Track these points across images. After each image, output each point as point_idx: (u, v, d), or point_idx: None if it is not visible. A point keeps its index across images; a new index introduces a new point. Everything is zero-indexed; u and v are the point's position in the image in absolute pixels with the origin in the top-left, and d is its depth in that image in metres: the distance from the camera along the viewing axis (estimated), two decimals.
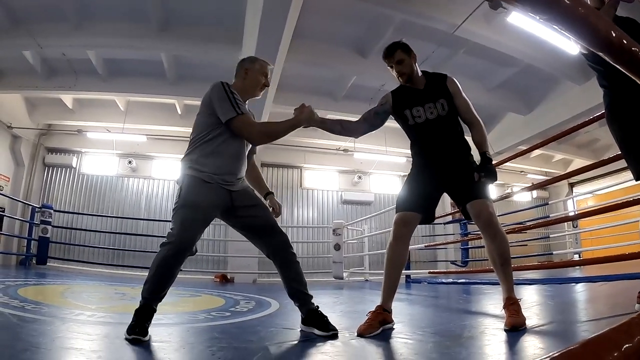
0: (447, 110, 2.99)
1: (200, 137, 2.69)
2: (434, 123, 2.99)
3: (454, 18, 7.07)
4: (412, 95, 3.07)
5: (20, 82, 9.82)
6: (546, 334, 2.50)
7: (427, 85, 3.06)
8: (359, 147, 12.81)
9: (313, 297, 2.78)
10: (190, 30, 8.05)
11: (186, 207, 2.56)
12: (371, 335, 2.51)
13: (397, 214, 2.97)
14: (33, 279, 6.48)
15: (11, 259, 10.97)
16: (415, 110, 3.02)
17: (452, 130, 3.03)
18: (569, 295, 4.63)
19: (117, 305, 4.28)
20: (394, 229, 2.95)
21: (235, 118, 2.59)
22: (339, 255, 9.71)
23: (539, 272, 7.67)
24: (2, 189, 10.74)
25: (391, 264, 2.91)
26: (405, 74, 3.03)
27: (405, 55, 3.01)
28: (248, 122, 2.66)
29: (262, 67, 2.90)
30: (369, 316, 2.70)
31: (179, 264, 2.55)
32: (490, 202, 2.88)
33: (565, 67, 8.67)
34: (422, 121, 3.01)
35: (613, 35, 0.94)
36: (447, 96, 3.00)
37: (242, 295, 5.42)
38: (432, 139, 3.04)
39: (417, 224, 2.99)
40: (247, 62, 2.92)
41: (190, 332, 2.75)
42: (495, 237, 2.79)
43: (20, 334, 2.28)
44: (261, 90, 2.92)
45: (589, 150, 14.27)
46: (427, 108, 2.99)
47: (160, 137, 12.45)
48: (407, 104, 3.06)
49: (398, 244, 2.93)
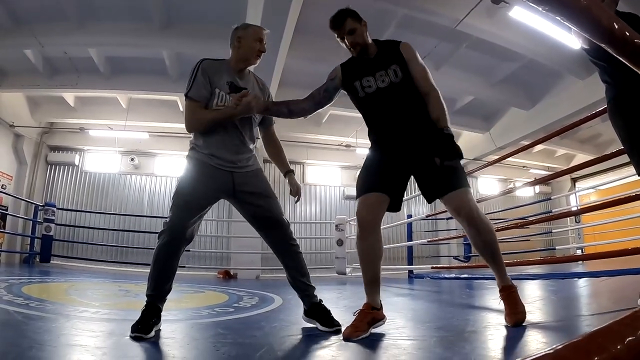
0: (401, 77, 2.65)
1: None
2: (386, 91, 2.67)
3: (456, 13, 7.05)
4: (362, 65, 2.77)
5: (22, 81, 9.84)
6: (549, 329, 2.50)
7: (379, 52, 2.77)
8: (361, 142, 12.78)
9: (316, 289, 2.77)
10: (192, 28, 8.06)
11: (180, 192, 2.58)
12: (359, 338, 2.30)
13: (358, 199, 2.68)
14: (37, 277, 6.50)
15: (15, 257, 11.03)
16: (365, 80, 2.72)
17: (408, 99, 2.66)
18: (571, 290, 4.63)
19: (121, 302, 4.30)
20: (357, 219, 2.67)
21: (185, 97, 2.66)
22: (342, 251, 9.72)
23: (541, 267, 7.67)
24: (5, 188, 10.77)
25: (363, 258, 2.64)
26: (358, 45, 2.74)
27: (356, 24, 2.72)
28: (186, 107, 2.70)
29: (256, 32, 2.79)
30: (356, 317, 2.48)
31: (176, 253, 2.55)
32: (468, 191, 2.56)
33: (568, 61, 8.64)
34: (373, 91, 2.71)
35: (616, 27, 0.94)
36: (400, 62, 2.68)
37: (245, 291, 5.44)
38: (386, 110, 2.70)
39: (384, 208, 2.65)
40: (240, 30, 2.82)
41: (194, 328, 2.76)
42: (480, 231, 2.56)
43: (25, 332, 2.29)
44: (257, 57, 2.79)
45: (591, 145, 14.23)
46: (379, 76, 2.69)
47: (163, 134, 12.49)
48: (357, 75, 2.76)
49: (365, 234, 2.62)
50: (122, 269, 10.58)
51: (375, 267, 2.64)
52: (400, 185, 2.71)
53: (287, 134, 12.09)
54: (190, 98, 2.62)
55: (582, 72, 8.97)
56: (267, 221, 2.74)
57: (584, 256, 7.77)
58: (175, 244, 2.52)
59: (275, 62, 7.34)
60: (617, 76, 2.53)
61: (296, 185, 2.96)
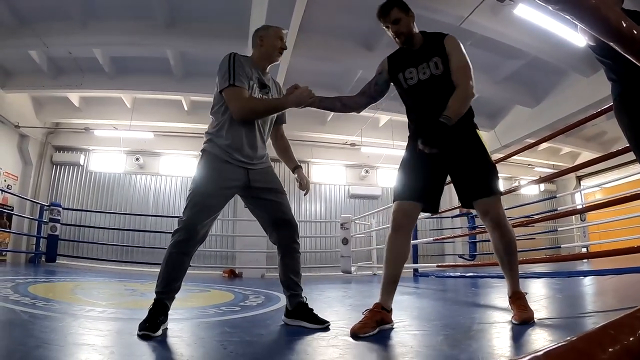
0: (442, 70, 2.67)
1: (214, 109, 2.71)
2: (427, 83, 2.70)
3: (460, 10, 7.03)
4: (406, 57, 2.80)
5: (27, 81, 9.89)
6: (555, 327, 2.50)
7: (424, 44, 2.78)
8: (366, 141, 12.78)
9: (303, 290, 2.78)
10: (196, 27, 8.07)
11: (197, 191, 2.56)
12: (366, 335, 2.29)
13: (395, 202, 2.71)
14: (43, 277, 6.52)
15: (21, 256, 11.08)
16: (408, 72, 2.76)
17: (448, 92, 2.62)
18: (577, 289, 4.62)
19: (127, 301, 4.31)
20: (393, 219, 2.68)
21: (226, 89, 2.57)
22: (347, 250, 9.72)
23: (547, 266, 7.65)
24: (11, 188, 10.80)
25: (391, 257, 2.64)
26: (403, 34, 2.74)
27: (402, 14, 2.72)
28: (234, 95, 2.58)
29: (276, 32, 2.86)
30: (366, 315, 2.46)
31: (189, 252, 2.54)
32: (499, 199, 2.66)
33: (573, 59, 8.61)
34: (415, 83, 2.74)
35: (624, 26, 0.94)
36: (442, 54, 2.69)
37: (251, 290, 5.44)
38: (425, 102, 2.73)
39: (418, 215, 2.73)
40: (261, 30, 2.89)
41: (201, 327, 2.77)
42: (504, 236, 2.65)
43: (32, 331, 2.29)
44: (279, 54, 2.88)
45: (596, 143, 14.18)
46: (421, 68, 2.72)
47: (167, 134, 12.53)
48: (400, 67, 2.80)
49: (398, 235, 2.65)
50: (128, 268, 10.62)
51: (399, 268, 2.66)
52: (437, 190, 2.78)
53: (292, 132, 12.07)
54: (237, 86, 2.56)
55: (587, 69, 8.93)
56: (279, 218, 2.76)
57: (589, 254, 7.76)
58: (190, 243, 2.51)
59: (280, 61, 7.34)
60: (623, 74, 2.52)
61: (305, 179, 2.99)
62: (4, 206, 10.69)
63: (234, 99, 2.58)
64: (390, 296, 2.62)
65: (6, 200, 10.84)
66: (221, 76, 2.60)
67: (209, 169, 2.60)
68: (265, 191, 2.72)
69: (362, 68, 9.24)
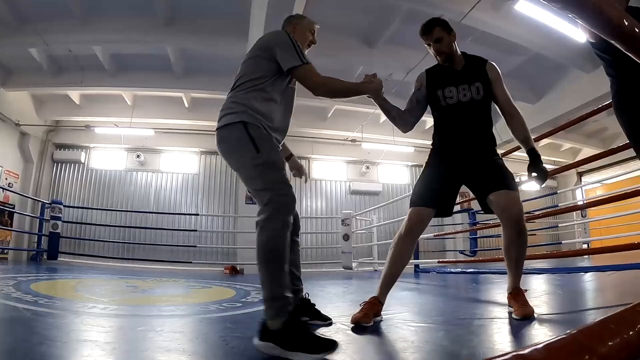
0: (482, 96, 2.80)
1: (255, 80, 2.38)
2: (466, 106, 2.81)
3: (461, 6, 7.04)
4: (447, 75, 2.88)
5: (27, 79, 9.92)
6: (556, 322, 2.52)
7: (465, 66, 2.87)
8: (366, 137, 12.78)
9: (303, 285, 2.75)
10: (196, 24, 8.08)
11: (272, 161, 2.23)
12: (367, 325, 2.43)
13: (412, 208, 2.80)
14: (45, 274, 6.53)
15: (22, 254, 11.10)
16: (448, 90, 2.83)
17: (483, 118, 2.85)
18: (578, 285, 4.63)
19: (129, 297, 4.31)
20: (408, 223, 2.77)
21: (301, 66, 2.35)
22: (348, 246, 9.75)
23: (547, 261, 7.66)
24: (12, 186, 10.83)
25: (397, 256, 2.76)
26: (444, 53, 2.84)
27: (444, 33, 2.81)
28: (313, 71, 2.40)
29: (310, 24, 2.78)
30: (365, 306, 2.59)
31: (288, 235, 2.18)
32: (519, 196, 2.73)
33: (574, 55, 8.61)
34: (454, 103, 2.82)
35: (625, 24, 0.94)
36: (484, 81, 2.82)
37: (252, 286, 5.45)
38: (460, 124, 2.84)
39: (430, 220, 2.84)
40: (295, 18, 2.81)
41: (203, 323, 2.77)
42: (521, 235, 2.70)
43: (35, 328, 2.30)
44: (308, 47, 2.76)
45: (597, 139, 14.17)
46: (461, 89, 2.81)
47: (168, 131, 12.54)
48: (441, 84, 2.87)
49: (407, 239, 2.77)
50: (129, 264, 10.64)
51: (401, 267, 2.80)
52: (452, 198, 2.89)
53: (292, 129, 11.85)
54: (310, 63, 2.41)
55: (587, 65, 8.93)
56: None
57: (590, 250, 7.76)
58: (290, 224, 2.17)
59: None
60: (622, 70, 2.52)
61: (300, 165, 2.98)
62: (6, 204, 10.70)
63: (314, 74, 2.39)
64: (387, 292, 2.76)
65: (7, 199, 10.86)
66: (289, 52, 2.37)
67: (270, 142, 2.31)
68: None
69: (362, 64, 9.25)
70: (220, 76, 9.12)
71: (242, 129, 2.24)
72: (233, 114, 2.30)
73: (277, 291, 2.03)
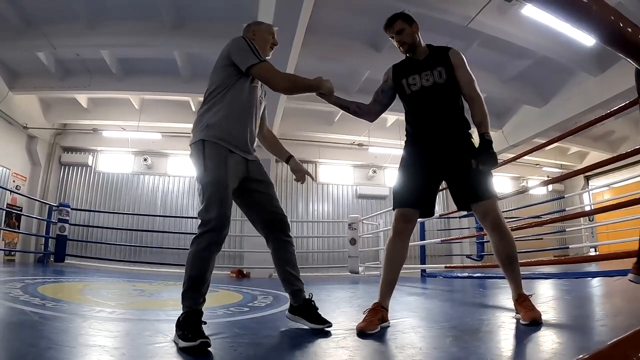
0: (445, 79, 2.81)
1: (214, 92, 2.60)
2: (430, 91, 2.84)
3: (467, 10, 7.03)
4: (410, 65, 2.95)
5: (35, 83, 9.96)
6: (564, 328, 2.50)
7: (429, 55, 2.93)
8: (373, 141, 12.78)
9: (304, 284, 2.74)
10: (204, 27, 8.10)
11: (216, 179, 2.40)
12: (373, 332, 2.43)
13: (397, 210, 2.84)
14: (52, 277, 6.56)
15: (29, 257, 11.17)
16: (412, 78, 2.89)
17: (449, 101, 2.85)
18: (585, 290, 4.59)
19: (136, 301, 4.33)
20: (395, 224, 2.82)
21: (257, 64, 2.50)
22: (355, 250, 9.74)
23: (555, 266, 7.61)
24: (20, 189, 10.89)
25: (391, 259, 2.79)
26: (405, 44, 2.93)
27: (405, 25, 2.93)
28: (271, 68, 2.57)
29: (268, 27, 2.90)
30: (368, 314, 2.59)
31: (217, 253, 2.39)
32: (496, 201, 2.75)
33: (580, 58, 8.58)
34: (417, 89, 2.87)
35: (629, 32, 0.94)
36: (446, 65, 2.84)
37: (259, 290, 5.45)
38: (427, 109, 2.88)
39: (417, 219, 2.87)
40: (253, 25, 2.91)
41: (210, 328, 2.75)
42: (502, 238, 2.73)
43: (42, 332, 2.31)
44: (270, 49, 2.89)
45: (604, 143, 14.11)
46: (424, 76, 2.85)
47: (175, 135, 12.57)
48: (404, 73, 2.94)
49: (397, 240, 2.80)
50: (136, 268, 10.66)
51: (397, 269, 2.81)
52: (432, 195, 2.91)
53: (299, 133, 12.13)
54: (266, 61, 2.57)
55: (594, 69, 8.90)
56: (270, 212, 2.70)
57: (597, 257, 7.69)
58: (222, 243, 2.39)
59: (288, 60, 7.35)
60: None
61: (299, 165, 2.99)
62: (13, 207, 10.77)
63: (272, 71, 2.56)
64: (388, 296, 2.77)
65: (15, 201, 10.92)
66: (244, 54, 2.53)
67: (219, 158, 2.45)
68: (259, 182, 2.67)
69: (369, 68, 9.25)
70: None
71: (199, 148, 2.48)
72: (195, 132, 2.56)
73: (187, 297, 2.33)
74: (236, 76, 2.58)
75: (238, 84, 2.58)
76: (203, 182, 2.42)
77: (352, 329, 2.50)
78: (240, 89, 2.59)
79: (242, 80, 2.59)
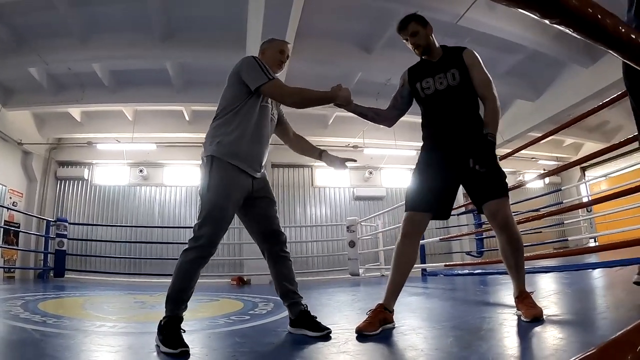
0: (459, 81, 2.79)
1: (225, 109, 2.67)
2: (443, 94, 2.83)
3: (457, 8, 7.06)
4: (425, 68, 2.94)
5: (28, 99, 9.95)
6: (565, 324, 2.49)
7: (442, 57, 2.92)
8: (368, 142, 12.79)
9: (303, 298, 2.77)
10: (194, 37, 8.11)
11: (216, 202, 2.49)
12: (371, 334, 2.43)
13: (407, 213, 2.83)
14: (52, 292, 6.54)
15: (29, 273, 11.12)
16: (425, 82, 2.89)
17: (464, 103, 2.82)
18: (586, 282, 4.60)
19: (137, 314, 4.32)
20: (403, 226, 2.81)
21: (266, 83, 2.56)
22: (354, 252, 9.74)
23: (554, 259, 7.61)
24: (16, 205, 10.86)
25: (399, 261, 2.78)
26: (420, 46, 2.90)
27: (419, 27, 2.88)
28: (281, 85, 2.66)
29: (279, 45, 2.94)
30: (370, 314, 2.60)
31: (205, 264, 2.54)
32: (506, 201, 2.72)
33: (572, 51, 8.62)
34: (431, 92, 2.87)
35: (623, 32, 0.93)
36: (460, 67, 2.81)
37: (260, 297, 5.45)
38: (442, 113, 2.87)
39: (428, 223, 2.84)
40: (265, 43, 2.98)
41: (211, 338, 2.77)
42: (511, 242, 2.73)
43: (45, 350, 2.30)
44: (279, 67, 2.91)
45: (599, 133, 14.13)
46: (437, 79, 2.85)
47: (170, 145, 12.58)
48: (418, 77, 2.94)
49: (406, 242, 2.79)
50: (136, 279, 10.65)
51: (404, 271, 2.80)
52: (449, 198, 2.88)
53: None
54: (275, 79, 2.63)
55: (586, 60, 8.94)
56: (269, 229, 2.75)
57: (597, 248, 7.69)
58: (208, 257, 2.52)
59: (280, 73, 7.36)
60: None
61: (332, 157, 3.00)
62: (11, 223, 10.74)
63: (282, 87, 2.65)
64: (394, 298, 2.76)
65: (12, 218, 10.89)
66: (254, 73, 2.60)
67: (224, 178, 2.52)
68: (261, 200, 2.72)
69: (361, 70, 9.25)
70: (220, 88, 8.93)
71: (209, 163, 2.56)
72: (207, 145, 2.65)
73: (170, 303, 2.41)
74: (247, 94, 2.63)
75: (249, 102, 2.64)
76: (204, 198, 2.53)
77: (354, 334, 2.49)
78: (252, 109, 2.65)
79: (254, 99, 2.65)
